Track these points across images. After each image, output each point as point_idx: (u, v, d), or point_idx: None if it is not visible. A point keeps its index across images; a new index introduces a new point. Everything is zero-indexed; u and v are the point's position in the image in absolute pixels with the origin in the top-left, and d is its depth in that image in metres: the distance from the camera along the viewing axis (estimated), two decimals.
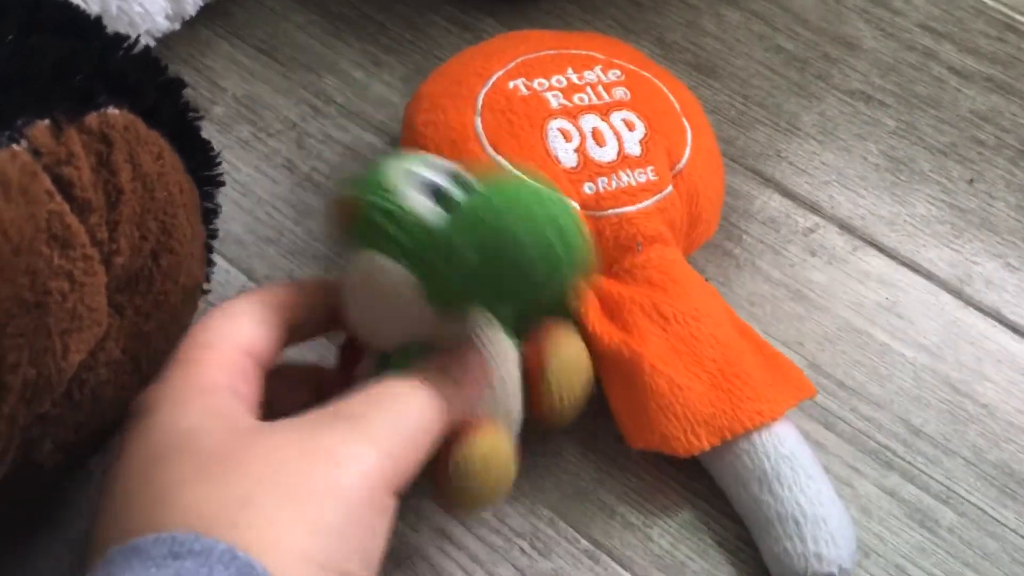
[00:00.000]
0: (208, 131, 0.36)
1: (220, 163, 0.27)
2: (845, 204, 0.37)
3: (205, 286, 0.30)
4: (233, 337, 0.24)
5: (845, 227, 0.36)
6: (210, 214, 0.30)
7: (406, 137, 0.32)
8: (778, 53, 0.41)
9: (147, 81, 0.25)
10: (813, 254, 0.35)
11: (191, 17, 0.37)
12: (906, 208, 0.37)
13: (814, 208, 0.36)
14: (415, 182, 0.24)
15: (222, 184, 0.28)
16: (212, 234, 0.30)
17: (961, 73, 0.41)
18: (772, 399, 0.28)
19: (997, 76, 0.40)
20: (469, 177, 0.24)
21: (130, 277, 0.24)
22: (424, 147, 0.31)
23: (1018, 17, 0.42)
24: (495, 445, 0.24)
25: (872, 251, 0.35)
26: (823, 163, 0.38)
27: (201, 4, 0.36)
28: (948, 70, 0.41)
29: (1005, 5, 0.43)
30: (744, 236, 0.36)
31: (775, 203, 0.36)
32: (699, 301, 0.29)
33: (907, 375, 0.33)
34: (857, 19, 0.42)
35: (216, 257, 0.33)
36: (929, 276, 0.35)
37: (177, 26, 0.36)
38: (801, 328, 0.34)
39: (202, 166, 0.28)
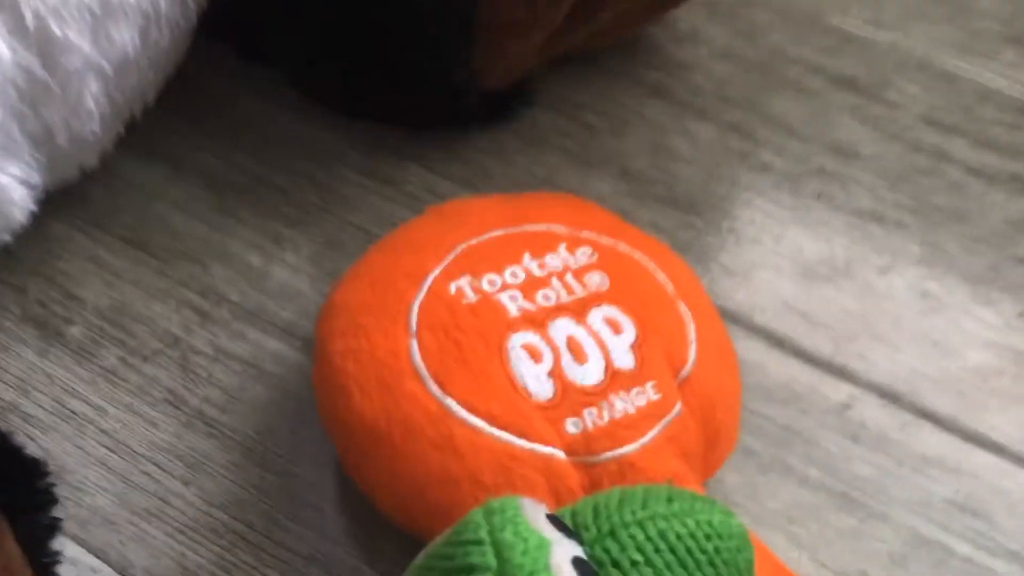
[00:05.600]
0: (64, 361, 0.28)
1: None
2: (881, 363, 0.29)
3: None
4: None
5: (886, 395, 0.29)
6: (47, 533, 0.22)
7: (319, 371, 0.24)
8: (765, 172, 0.34)
9: None
10: (855, 439, 0.28)
11: (34, 213, 0.28)
12: (954, 360, 0.30)
13: (844, 374, 0.29)
14: (561, 558, 0.17)
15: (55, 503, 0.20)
16: (51, 560, 0.22)
17: (981, 173, 0.34)
18: None
19: None
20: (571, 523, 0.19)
21: None
22: (345, 388, 0.23)
23: None
24: None
25: (926, 425, 0.28)
26: (844, 311, 0.31)
27: (32, 209, 0.27)
28: (966, 172, 0.34)
29: (1014, 83, 0.37)
30: (764, 424, 0.28)
31: (795, 372, 0.29)
32: None
33: None
34: (849, 119, 0.35)
35: (77, 550, 0.25)
36: (1000, 451, 0.28)
37: (7, 238, 0.28)
38: (859, 548, 0.26)
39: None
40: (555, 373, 0.23)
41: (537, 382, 0.23)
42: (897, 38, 0.38)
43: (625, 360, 0.23)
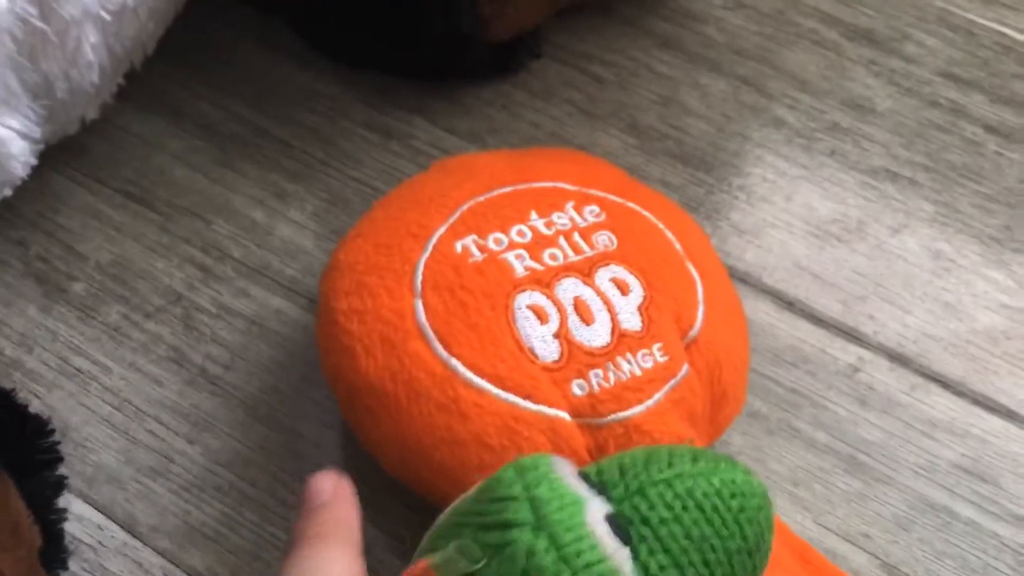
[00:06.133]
0: (67, 318, 0.28)
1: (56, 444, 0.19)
2: (891, 325, 0.29)
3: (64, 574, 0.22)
4: None
5: (896, 358, 0.29)
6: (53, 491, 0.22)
7: (323, 331, 0.24)
8: (778, 128, 0.33)
9: None
10: (863, 403, 0.28)
11: (34, 166, 0.28)
12: (965, 323, 0.29)
13: (854, 336, 0.29)
14: (595, 516, 0.17)
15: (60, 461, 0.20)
16: (58, 518, 0.22)
17: (999, 131, 0.33)
18: None
19: None
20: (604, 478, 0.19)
21: None
22: (350, 348, 0.23)
23: None
24: None
25: (935, 388, 0.28)
26: (855, 272, 0.30)
27: (32, 163, 0.27)
28: (984, 129, 0.33)
29: None
30: (772, 387, 0.28)
31: (804, 334, 0.29)
32: None
33: (1005, 563, 0.25)
34: (865, 74, 0.35)
35: (83, 507, 0.25)
36: (1010, 416, 0.28)
37: (8, 192, 0.27)
38: (864, 512, 0.26)
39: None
40: (561, 334, 0.23)
41: (543, 343, 0.22)
42: None
43: (632, 321, 0.23)
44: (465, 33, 0.30)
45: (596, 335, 0.23)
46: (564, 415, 0.22)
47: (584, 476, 0.19)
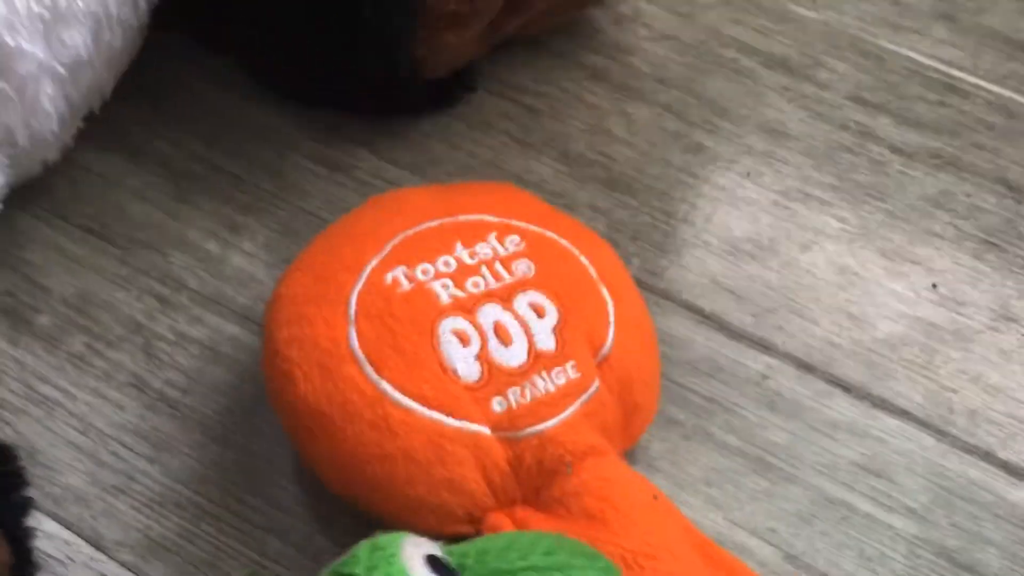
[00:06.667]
0: (33, 349, 0.30)
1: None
2: (798, 335, 0.32)
3: None
4: None
5: (802, 366, 0.31)
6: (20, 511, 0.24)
7: (266, 358, 0.26)
8: (698, 153, 0.35)
9: None
10: (772, 408, 0.30)
11: None
12: (866, 332, 0.32)
13: (764, 346, 0.31)
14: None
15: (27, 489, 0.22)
16: (26, 535, 0.24)
17: (903, 151, 0.36)
18: None
19: (944, 150, 0.36)
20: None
21: None
22: (289, 373, 0.25)
23: (957, 74, 0.38)
24: None
25: (837, 393, 0.31)
26: (767, 287, 0.33)
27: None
28: (889, 149, 0.36)
29: (941, 61, 0.38)
30: (688, 395, 0.30)
31: (718, 345, 0.31)
32: (650, 531, 0.24)
33: (899, 552, 0.28)
34: (779, 100, 0.37)
35: (52, 525, 0.27)
36: (905, 416, 0.30)
37: None
38: (770, 508, 0.28)
39: None
40: (482, 356, 0.25)
41: (465, 364, 0.25)
42: (830, 16, 0.39)
43: (547, 342, 0.25)
44: (402, 74, 0.32)
45: (514, 356, 0.25)
46: (485, 430, 0.24)
47: (437, 560, 0.20)
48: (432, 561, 0.20)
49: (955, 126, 0.36)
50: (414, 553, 0.20)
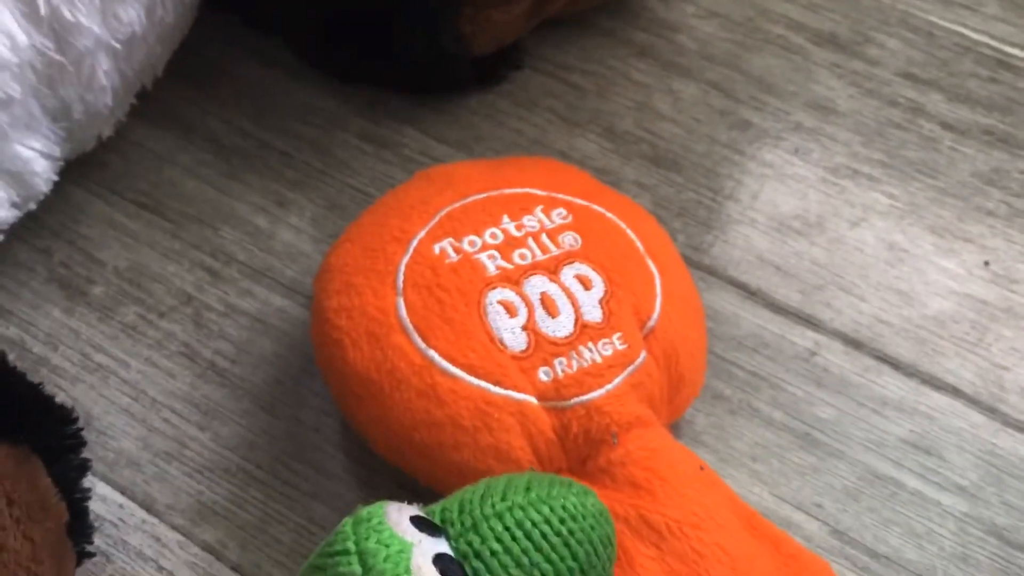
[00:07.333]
0: (88, 319, 0.31)
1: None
2: (846, 311, 0.31)
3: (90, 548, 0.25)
4: None
5: (850, 342, 0.31)
6: (77, 473, 0.24)
7: (316, 326, 0.26)
8: (745, 130, 0.35)
9: None
10: (819, 384, 0.30)
11: (55, 182, 0.31)
12: (916, 309, 0.31)
13: (811, 322, 0.31)
14: (422, 559, 0.19)
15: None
16: (82, 497, 0.24)
17: (955, 128, 0.35)
18: None
19: (997, 127, 0.35)
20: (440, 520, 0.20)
21: None
22: (339, 341, 0.25)
23: (1009, 50, 0.37)
24: None
25: (886, 369, 0.30)
26: (814, 263, 0.32)
27: (54, 179, 0.30)
28: (940, 126, 0.35)
29: (993, 37, 0.38)
30: (734, 371, 0.30)
31: (765, 321, 0.31)
32: (696, 500, 0.24)
33: (948, 529, 0.28)
34: (828, 76, 0.37)
35: (106, 488, 0.28)
36: (955, 393, 0.30)
37: (33, 206, 0.30)
38: (816, 483, 0.28)
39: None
40: (529, 326, 0.25)
41: (512, 335, 0.25)
42: None
43: (594, 313, 0.25)
44: (448, 52, 0.33)
45: (560, 327, 0.25)
46: (531, 399, 0.24)
47: (422, 519, 0.20)
48: (418, 521, 0.20)
49: (1008, 103, 0.36)
50: (399, 518, 0.20)
